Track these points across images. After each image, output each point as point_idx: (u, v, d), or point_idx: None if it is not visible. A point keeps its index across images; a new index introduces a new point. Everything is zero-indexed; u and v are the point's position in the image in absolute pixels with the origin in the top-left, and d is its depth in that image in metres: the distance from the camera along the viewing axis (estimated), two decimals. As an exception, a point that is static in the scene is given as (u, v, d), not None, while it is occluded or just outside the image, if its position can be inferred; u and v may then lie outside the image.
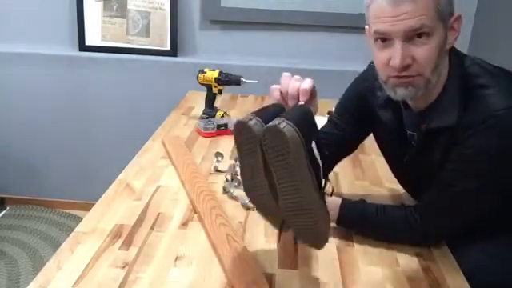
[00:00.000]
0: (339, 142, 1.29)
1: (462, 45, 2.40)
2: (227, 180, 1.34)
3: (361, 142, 1.36)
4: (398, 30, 0.95)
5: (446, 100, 1.03)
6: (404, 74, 0.98)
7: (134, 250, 1.05)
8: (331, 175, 1.44)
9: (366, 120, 1.25)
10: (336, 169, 1.49)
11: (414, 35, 0.95)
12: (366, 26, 1.06)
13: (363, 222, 1.13)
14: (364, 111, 1.24)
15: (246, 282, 0.94)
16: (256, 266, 0.99)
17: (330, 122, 1.32)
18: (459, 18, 1.00)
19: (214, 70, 1.82)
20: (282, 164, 0.85)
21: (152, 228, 1.14)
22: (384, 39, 0.98)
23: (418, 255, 1.08)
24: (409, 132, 1.15)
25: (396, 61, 0.96)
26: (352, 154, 1.59)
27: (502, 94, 0.97)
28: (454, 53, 1.05)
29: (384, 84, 1.05)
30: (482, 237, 1.11)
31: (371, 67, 1.17)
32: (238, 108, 2.05)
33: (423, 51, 0.96)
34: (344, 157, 1.35)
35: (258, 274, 0.97)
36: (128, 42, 2.49)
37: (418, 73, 0.98)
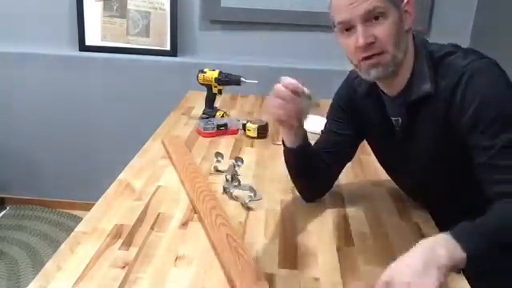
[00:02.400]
0: (338, 149, 1.30)
1: (462, 45, 2.40)
2: (227, 180, 1.34)
3: (358, 144, 1.36)
4: (355, 15, 1.04)
5: (419, 75, 1.10)
6: (370, 53, 1.06)
7: (134, 250, 1.05)
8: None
9: (356, 119, 1.28)
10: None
11: (370, 17, 1.04)
12: (335, 29, 1.12)
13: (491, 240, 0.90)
14: (351, 110, 1.27)
15: (246, 281, 0.94)
16: (256, 266, 0.99)
17: (326, 131, 1.34)
18: (410, 1, 1.08)
19: (214, 70, 1.82)
20: None
21: (152, 228, 1.14)
22: (348, 28, 1.07)
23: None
24: (393, 119, 1.19)
25: (360, 40, 1.04)
26: (352, 154, 1.60)
27: (466, 53, 1.06)
28: (416, 36, 1.13)
29: (358, 70, 1.12)
30: None
31: (350, 74, 1.28)
32: (237, 108, 2.05)
33: (382, 29, 1.04)
34: (347, 162, 1.35)
35: (258, 274, 0.97)
36: (128, 42, 2.49)
37: (382, 49, 1.05)
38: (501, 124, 0.98)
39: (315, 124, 1.82)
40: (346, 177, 1.44)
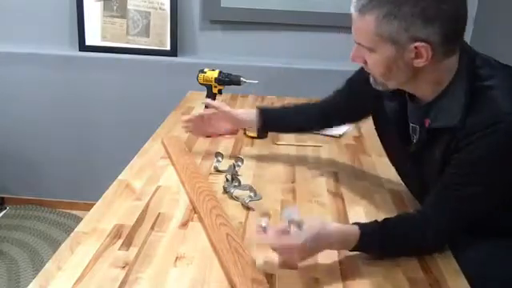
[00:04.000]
0: (346, 110, 1.43)
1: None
2: (227, 180, 1.34)
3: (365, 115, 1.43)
4: (353, 34, 1.07)
5: (452, 99, 1.03)
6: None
7: (134, 250, 1.05)
8: (331, 174, 1.45)
9: (369, 99, 1.27)
10: (336, 169, 1.50)
11: None
12: None
13: (385, 239, 1.04)
14: (371, 93, 1.22)
15: (246, 281, 0.94)
16: (256, 266, 0.99)
17: (344, 88, 1.42)
18: (426, 48, 0.98)
19: (213, 70, 1.82)
20: None
21: (152, 228, 1.14)
22: None
23: (418, 257, 1.07)
24: (412, 125, 1.16)
25: (351, 56, 1.09)
26: (352, 155, 1.60)
27: (506, 98, 0.97)
28: (464, 51, 1.05)
29: None
30: (482, 237, 1.11)
31: None
32: (237, 108, 2.05)
33: (369, 59, 1.06)
34: (351, 121, 1.56)
35: (258, 274, 0.97)
36: (128, 42, 2.49)
37: (371, 72, 1.09)
38: (474, 181, 1.01)
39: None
40: (346, 177, 1.45)
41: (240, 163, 1.42)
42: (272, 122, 1.49)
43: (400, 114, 1.18)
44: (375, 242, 1.03)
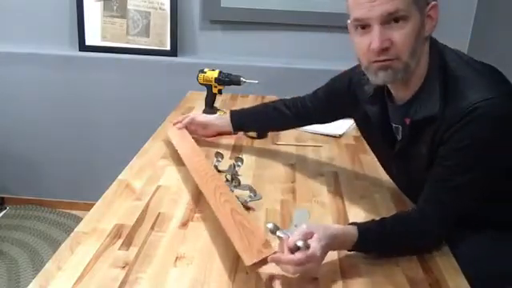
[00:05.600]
0: (310, 114, 1.48)
1: (462, 45, 2.40)
2: (227, 180, 1.34)
3: (328, 121, 1.54)
4: (375, 14, 0.99)
5: (428, 91, 1.06)
6: (382, 57, 1.02)
7: (134, 250, 1.05)
8: (331, 174, 1.45)
9: (347, 107, 1.32)
10: (336, 168, 1.50)
11: (390, 19, 0.99)
12: (348, 21, 1.09)
13: (383, 238, 1.05)
14: (348, 98, 1.29)
15: (251, 252, 0.95)
16: (261, 234, 1.01)
17: (315, 94, 1.47)
18: (435, 6, 1.03)
19: (213, 70, 1.82)
20: None
21: (152, 228, 1.14)
22: (363, 26, 1.02)
23: (418, 255, 1.07)
24: (394, 125, 1.17)
25: (375, 44, 1.00)
26: (352, 155, 1.61)
27: (480, 85, 1.00)
28: (433, 44, 1.08)
29: (366, 71, 1.08)
30: (478, 232, 1.12)
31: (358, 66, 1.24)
32: (237, 108, 2.05)
33: (400, 35, 1.00)
34: (324, 123, 1.56)
35: (263, 242, 0.98)
36: (128, 42, 2.49)
37: (396, 56, 1.02)
38: (462, 170, 1.02)
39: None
40: (346, 177, 1.45)
41: (240, 163, 1.42)
42: (245, 123, 1.60)
43: (382, 117, 1.19)
44: (373, 242, 1.03)
